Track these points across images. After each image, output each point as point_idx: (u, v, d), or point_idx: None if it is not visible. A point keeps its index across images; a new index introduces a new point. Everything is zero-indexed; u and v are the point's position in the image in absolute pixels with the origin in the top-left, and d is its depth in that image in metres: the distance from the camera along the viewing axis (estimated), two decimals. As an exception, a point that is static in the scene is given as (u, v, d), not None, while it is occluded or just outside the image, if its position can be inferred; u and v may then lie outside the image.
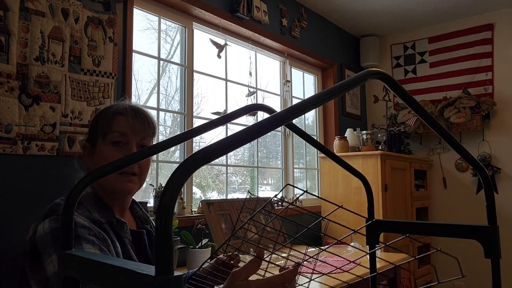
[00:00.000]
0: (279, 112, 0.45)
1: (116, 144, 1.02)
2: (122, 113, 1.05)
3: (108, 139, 1.02)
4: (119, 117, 1.04)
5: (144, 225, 1.12)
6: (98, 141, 1.04)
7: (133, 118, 1.04)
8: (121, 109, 1.05)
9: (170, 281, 0.33)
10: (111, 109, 1.06)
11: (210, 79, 2.63)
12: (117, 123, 1.03)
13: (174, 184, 0.34)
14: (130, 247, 1.00)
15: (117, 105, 1.08)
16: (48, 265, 0.84)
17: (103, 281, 0.44)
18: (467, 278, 3.48)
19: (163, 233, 0.33)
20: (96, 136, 1.04)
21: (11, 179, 1.54)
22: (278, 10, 3.01)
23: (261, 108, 0.81)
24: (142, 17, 2.25)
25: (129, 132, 1.03)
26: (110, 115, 1.04)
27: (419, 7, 3.41)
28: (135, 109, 1.06)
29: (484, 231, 0.63)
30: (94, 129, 1.05)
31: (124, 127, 1.03)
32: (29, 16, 1.59)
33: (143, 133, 1.05)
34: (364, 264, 1.97)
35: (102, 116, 1.06)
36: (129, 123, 1.03)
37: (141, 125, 1.05)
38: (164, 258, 0.33)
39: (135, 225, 1.11)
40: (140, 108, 1.09)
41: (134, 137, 1.04)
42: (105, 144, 1.02)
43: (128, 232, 1.01)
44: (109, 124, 1.03)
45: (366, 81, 0.53)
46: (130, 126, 1.03)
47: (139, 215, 1.13)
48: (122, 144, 1.02)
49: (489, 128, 3.49)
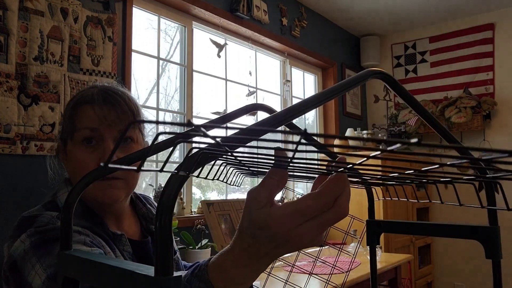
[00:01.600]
0: (279, 112, 0.44)
1: (87, 142, 0.81)
2: (87, 101, 0.82)
3: (76, 138, 0.82)
4: (85, 108, 0.82)
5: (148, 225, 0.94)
6: (68, 139, 0.84)
7: (103, 106, 0.81)
8: (86, 96, 0.83)
9: (169, 282, 0.33)
10: (75, 101, 0.84)
11: (210, 78, 2.62)
12: (83, 116, 0.81)
13: (173, 184, 0.34)
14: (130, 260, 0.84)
15: (84, 91, 0.86)
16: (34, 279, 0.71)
17: (102, 281, 0.44)
18: (467, 279, 3.48)
19: (162, 234, 0.33)
20: (64, 134, 0.85)
21: (10, 179, 1.54)
22: (278, 10, 3.00)
23: (261, 108, 0.80)
24: (142, 16, 2.24)
25: (99, 125, 0.81)
26: (73, 107, 0.83)
27: (419, 6, 3.40)
28: (104, 93, 0.83)
29: (485, 231, 0.62)
30: (64, 126, 0.86)
31: (92, 119, 0.81)
32: (28, 15, 1.59)
33: (119, 123, 0.82)
34: (364, 264, 1.97)
35: (66, 110, 0.85)
36: (98, 113, 0.81)
37: (114, 113, 0.82)
38: (164, 259, 0.33)
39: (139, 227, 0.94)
40: (113, 89, 0.86)
41: (109, 130, 0.81)
42: (74, 144, 0.82)
43: (127, 244, 0.84)
44: (74, 119, 0.82)
45: (367, 81, 0.52)
46: (100, 116, 0.81)
47: (142, 212, 0.95)
48: (95, 142, 0.82)
49: (490, 128, 3.48)
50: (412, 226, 0.80)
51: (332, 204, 0.43)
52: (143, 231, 0.94)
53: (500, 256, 0.61)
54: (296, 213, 0.42)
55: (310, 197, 0.43)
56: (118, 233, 0.84)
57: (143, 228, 0.94)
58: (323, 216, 0.43)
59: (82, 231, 0.77)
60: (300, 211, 0.42)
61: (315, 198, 0.42)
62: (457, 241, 3.50)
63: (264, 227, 0.42)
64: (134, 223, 0.93)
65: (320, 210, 0.43)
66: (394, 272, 2.19)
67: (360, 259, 2.06)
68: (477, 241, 0.63)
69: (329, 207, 0.43)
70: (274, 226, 0.42)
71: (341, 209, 0.44)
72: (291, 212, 0.42)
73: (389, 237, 2.87)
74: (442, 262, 3.62)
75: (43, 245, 0.73)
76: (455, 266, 3.55)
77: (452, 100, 3.49)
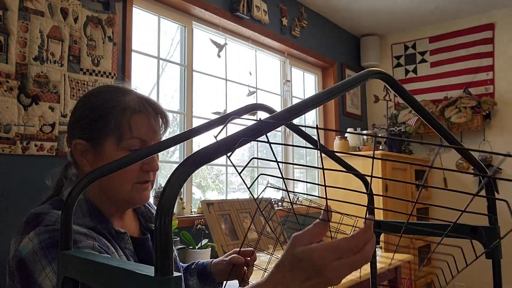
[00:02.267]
0: (279, 111, 0.44)
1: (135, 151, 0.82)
2: (141, 111, 0.85)
3: (125, 145, 0.84)
4: (138, 118, 0.85)
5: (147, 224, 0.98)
6: (107, 143, 0.84)
7: (155, 118, 0.87)
8: (137, 105, 0.86)
9: (169, 282, 0.33)
10: (124, 104, 0.85)
11: (210, 78, 2.62)
12: (137, 127, 0.84)
13: (173, 184, 0.34)
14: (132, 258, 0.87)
15: (128, 96, 0.87)
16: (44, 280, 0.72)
17: (102, 281, 0.44)
18: (467, 279, 3.48)
19: (162, 234, 0.33)
20: (102, 135, 0.84)
21: (10, 179, 1.54)
22: (278, 10, 3.00)
23: (261, 108, 0.80)
24: (142, 16, 2.24)
25: (150, 138, 0.86)
26: (127, 113, 0.84)
27: (419, 6, 3.40)
28: (153, 106, 0.88)
29: (485, 231, 0.63)
30: (98, 125, 0.84)
31: (146, 132, 0.85)
32: (28, 15, 1.59)
33: (161, 133, 0.89)
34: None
35: (114, 112, 0.84)
36: (151, 125, 0.86)
37: (159, 125, 0.89)
38: (163, 259, 0.33)
39: (138, 225, 0.98)
40: (156, 102, 0.90)
41: (154, 141, 0.87)
42: (120, 149, 0.84)
43: (129, 242, 0.87)
44: (127, 126, 0.84)
45: (367, 81, 0.52)
46: (152, 129, 0.86)
47: (141, 212, 0.99)
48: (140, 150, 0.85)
49: (490, 128, 3.48)
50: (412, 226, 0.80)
51: (360, 248, 0.52)
52: (142, 229, 0.98)
53: (500, 256, 0.61)
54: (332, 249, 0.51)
55: (344, 239, 0.52)
56: (121, 231, 0.86)
57: (142, 226, 0.98)
58: (352, 257, 0.51)
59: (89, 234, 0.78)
60: (334, 248, 0.51)
61: (348, 240, 0.51)
62: (457, 241, 3.50)
63: (304, 258, 0.51)
64: (134, 222, 0.97)
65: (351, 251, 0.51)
66: (394, 272, 2.19)
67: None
68: (477, 241, 0.63)
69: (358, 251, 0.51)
70: (314, 256, 0.50)
71: (367, 254, 0.52)
72: (328, 247, 0.51)
73: (389, 237, 2.87)
74: (442, 262, 3.62)
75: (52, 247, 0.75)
76: (454, 266, 3.55)
77: (452, 100, 3.49)
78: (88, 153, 0.86)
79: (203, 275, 1.09)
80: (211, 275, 1.08)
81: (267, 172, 3.18)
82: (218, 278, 1.07)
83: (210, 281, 1.08)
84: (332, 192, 3.13)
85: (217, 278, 1.07)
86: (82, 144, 0.85)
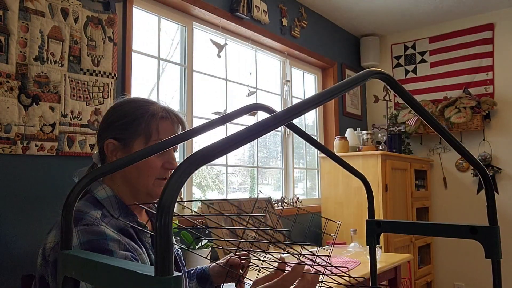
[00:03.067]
0: (279, 112, 0.45)
1: None
2: (166, 117, 1.02)
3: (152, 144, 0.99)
4: (165, 123, 1.01)
5: None
6: (137, 142, 0.99)
7: (176, 125, 1.03)
8: (163, 112, 1.02)
9: (169, 282, 0.33)
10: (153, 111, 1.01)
11: (210, 79, 2.63)
12: (163, 130, 1.00)
13: (174, 184, 0.34)
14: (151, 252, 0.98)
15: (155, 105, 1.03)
16: None
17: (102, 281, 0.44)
18: (467, 279, 3.48)
19: (162, 233, 0.33)
20: (133, 135, 0.99)
21: (10, 179, 1.54)
22: (278, 10, 3.01)
23: (261, 108, 0.80)
24: (142, 16, 2.24)
25: None
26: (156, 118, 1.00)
27: (419, 6, 3.41)
28: (176, 115, 1.05)
29: (485, 231, 0.63)
30: (130, 128, 0.99)
31: (169, 135, 1.00)
32: (28, 15, 1.59)
33: None
34: (364, 264, 1.97)
35: (145, 117, 1.00)
36: (173, 130, 1.02)
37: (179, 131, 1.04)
38: (164, 259, 0.33)
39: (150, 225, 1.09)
40: (177, 112, 1.07)
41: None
42: None
43: (148, 236, 0.99)
44: (155, 129, 0.99)
45: (366, 81, 0.52)
46: (174, 134, 1.01)
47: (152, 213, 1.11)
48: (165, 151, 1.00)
49: (489, 128, 3.48)
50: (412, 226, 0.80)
51: None
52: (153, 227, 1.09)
53: (499, 256, 0.61)
54: None
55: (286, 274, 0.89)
56: (144, 224, 1.00)
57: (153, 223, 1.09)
58: None
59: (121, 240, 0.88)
60: None
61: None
62: (457, 241, 3.51)
63: None
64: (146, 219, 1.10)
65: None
66: (394, 272, 2.19)
67: (359, 259, 2.06)
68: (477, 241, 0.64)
69: None
70: None
71: None
72: None
73: (389, 237, 2.87)
74: (442, 262, 3.62)
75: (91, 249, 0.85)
76: (454, 266, 3.55)
77: (452, 100, 3.50)
78: (118, 151, 1.00)
79: (202, 278, 1.18)
80: (210, 277, 1.16)
81: (267, 171, 3.18)
82: (215, 280, 1.16)
83: (209, 283, 1.16)
84: (332, 192, 3.13)
85: (214, 280, 1.16)
86: (114, 143, 0.99)
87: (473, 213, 3.47)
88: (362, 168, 2.95)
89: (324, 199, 3.17)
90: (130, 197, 1.00)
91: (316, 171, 3.50)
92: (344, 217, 3.03)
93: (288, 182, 3.19)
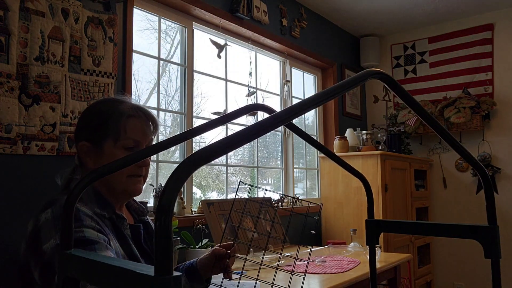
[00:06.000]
0: (279, 112, 0.45)
1: (129, 149, 1.02)
2: (134, 115, 1.03)
3: (121, 144, 1.01)
4: (133, 121, 1.02)
5: (140, 217, 1.14)
6: (107, 142, 1.01)
7: (146, 122, 1.05)
8: (131, 111, 1.03)
9: (169, 281, 0.33)
10: (121, 111, 1.03)
11: (210, 79, 2.63)
12: (131, 129, 1.02)
13: (174, 184, 0.34)
14: (131, 242, 1.02)
15: (124, 104, 1.05)
16: (48, 248, 0.86)
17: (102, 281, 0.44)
18: (467, 278, 3.48)
19: (163, 233, 0.33)
20: (102, 136, 1.01)
21: (11, 179, 1.54)
22: (278, 10, 3.01)
23: (261, 108, 0.81)
24: (142, 17, 2.24)
25: (142, 138, 1.03)
26: (123, 118, 1.02)
27: (419, 7, 3.41)
28: (145, 112, 1.06)
29: (484, 231, 0.63)
30: (99, 129, 1.01)
31: (138, 133, 1.03)
32: (29, 16, 1.59)
33: (151, 135, 1.07)
34: (364, 264, 1.97)
35: (113, 117, 1.02)
36: (143, 128, 1.04)
37: (150, 128, 1.06)
38: (164, 258, 0.33)
39: (132, 220, 1.13)
40: (147, 109, 1.08)
41: (145, 141, 1.05)
42: (116, 148, 1.01)
43: (127, 228, 1.03)
44: (123, 128, 1.01)
45: (366, 81, 0.53)
46: (143, 131, 1.04)
47: (134, 208, 1.15)
48: (134, 149, 1.03)
49: (489, 128, 3.49)
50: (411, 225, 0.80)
51: None
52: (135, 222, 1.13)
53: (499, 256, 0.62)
54: None
55: None
56: (122, 215, 1.03)
57: (135, 220, 1.14)
58: None
59: (94, 217, 0.93)
60: None
61: None
62: (456, 241, 3.51)
63: None
64: (128, 215, 1.14)
65: None
66: (393, 271, 2.19)
67: (359, 259, 2.07)
68: (477, 240, 0.64)
69: None
70: None
71: None
72: None
73: (389, 237, 2.87)
74: (442, 262, 3.62)
75: None
76: (454, 266, 3.55)
77: (451, 100, 3.50)
78: (90, 152, 1.02)
79: (190, 272, 1.22)
80: (197, 271, 1.21)
81: (267, 171, 3.18)
82: (203, 273, 1.20)
83: (197, 276, 1.21)
84: (332, 192, 3.13)
85: (202, 273, 1.20)
86: (87, 145, 1.02)
87: (473, 213, 3.47)
88: (362, 168, 2.95)
89: (324, 199, 3.17)
90: (109, 195, 1.02)
91: (316, 171, 3.50)
92: (344, 217, 3.04)
93: (288, 182, 3.19)
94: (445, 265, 3.60)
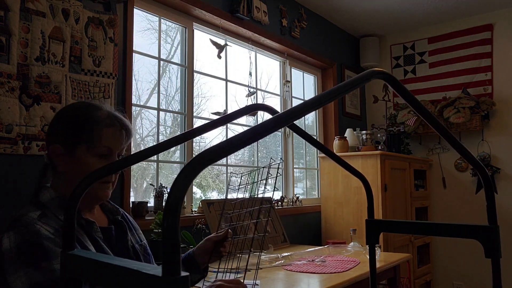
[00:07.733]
0: (283, 112, 0.45)
1: (102, 156, 1.03)
2: (110, 125, 1.04)
3: (94, 151, 1.01)
4: (108, 130, 1.03)
5: (115, 217, 1.15)
6: (79, 149, 1.01)
7: (120, 131, 1.05)
8: (107, 119, 1.04)
9: (177, 282, 0.33)
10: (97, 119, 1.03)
11: (210, 79, 2.63)
12: (105, 137, 1.02)
13: (181, 183, 0.34)
14: (103, 244, 1.02)
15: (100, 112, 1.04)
16: (15, 281, 0.85)
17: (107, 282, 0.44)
18: (467, 278, 3.49)
19: (170, 234, 0.33)
20: (76, 142, 1.01)
21: (11, 179, 1.54)
22: (278, 11, 3.01)
23: (263, 108, 0.81)
24: (142, 17, 2.25)
25: (115, 147, 1.05)
26: (99, 126, 1.02)
27: (418, 7, 3.41)
28: (120, 121, 1.06)
29: (485, 231, 0.63)
30: (74, 134, 1.01)
31: (112, 142, 1.03)
32: (29, 16, 1.59)
33: (125, 144, 1.08)
34: (363, 263, 1.98)
35: (88, 124, 1.02)
36: (117, 137, 1.04)
37: (124, 137, 1.07)
38: (172, 259, 0.33)
39: (106, 220, 1.14)
40: (123, 118, 1.08)
41: (118, 149, 1.06)
42: (90, 155, 1.01)
43: (98, 231, 1.03)
44: (98, 136, 1.01)
45: (369, 81, 0.53)
46: (118, 140, 1.05)
47: (108, 208, 1.16)
48: (107, 157, 1.03)
49: (488, 128, 3.49)
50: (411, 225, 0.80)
51: None
52: (110, 222, 1.14)
53: (499, 255, 0.62)
54: None
55: None
56: (90, 220, 1.02)
57: (110, 219, 1.15)
58: None
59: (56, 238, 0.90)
60: None
61: None
62: (456, 241, 3.51)
63: None
64: (102, 216, 1.14)
65: None
66: (393, 271, 2.19)
67: (359, 259, 2.07)
68: (477, 240, 0.64)
69: None
70: None
71: None
72: None
73: (388, 237, 2.88)
74: (441, 262, 3.63)
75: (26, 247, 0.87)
76: (454, 266, 3.56)
77: (451, 101, 3.50)
78: (63, 156, 1.02)
79: (187, 262, 1.25)
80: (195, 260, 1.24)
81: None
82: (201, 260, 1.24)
83: (194, 266, 1.24)
84: (332, 192, 3.14)
85: (200, 260, 1.24)
86: (59, 148, 1.01)
87: (472, 213, 3.48)
88: (362, 168, 2.95)
89: (323, 199, 3.17)
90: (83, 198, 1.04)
91: (316, 171, 3.50)
92: (344, 217, 3.04)
93: (288, 182, 3.19)
94: (445, 265, 3.61)
